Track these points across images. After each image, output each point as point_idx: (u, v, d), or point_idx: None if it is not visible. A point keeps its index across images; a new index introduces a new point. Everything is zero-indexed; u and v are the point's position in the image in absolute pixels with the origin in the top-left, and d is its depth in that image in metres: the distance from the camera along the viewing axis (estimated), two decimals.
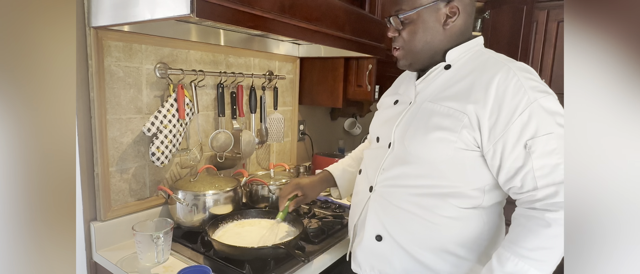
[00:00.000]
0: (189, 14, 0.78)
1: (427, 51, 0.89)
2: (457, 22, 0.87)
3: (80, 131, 1.06)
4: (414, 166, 0.87)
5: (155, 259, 1.04)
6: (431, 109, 0.86)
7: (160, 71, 1.22)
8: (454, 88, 0.85)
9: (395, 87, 1.07)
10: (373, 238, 0.94)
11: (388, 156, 0.93)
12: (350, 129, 2.38)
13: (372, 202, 0.95)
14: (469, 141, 0.81)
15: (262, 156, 1.72)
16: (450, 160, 0.83)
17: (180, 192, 1.19)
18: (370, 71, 1.72)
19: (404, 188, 0.90)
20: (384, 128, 0.97)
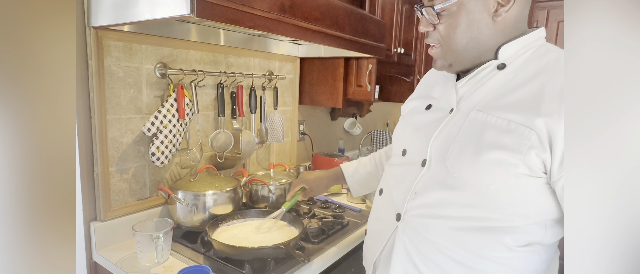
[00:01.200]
0: (189, 14, 0.78)
1: (473, 49, 0.71)
2: (511, 12, 0.68)
3: (80, 131, 1.06)
4: (458, 193, 0.69)
5: (155, 259, 1.04)
6: (484, 121, 0.68)
7: (160, 71, 1.22)
8: (514, 95, 0.67)
9: (425, 89, 0.88)
10: None
11: (422, 177, 0.74)
12: (350, 129, 2.38)
13: (401, 234, 0.77)
14: (535, 165, 0.63)
15: (262, 156, 1.72)
16: (507, 187, 0.65)
17: (180, 192, 1.19)
18: (370, 71, 1.72)
19: (443, 220, 0.71)
20: (416, 140, 0.78)
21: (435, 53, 0.76)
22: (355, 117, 2.41)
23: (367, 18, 1.45)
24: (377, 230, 0.85)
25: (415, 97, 0.90)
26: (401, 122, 0.89)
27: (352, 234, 1.29)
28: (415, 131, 0.80)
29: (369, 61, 1.72)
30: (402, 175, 0.80)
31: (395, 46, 1.99)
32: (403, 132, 0.85)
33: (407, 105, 0.91)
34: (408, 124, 0.84)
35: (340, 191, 1.75)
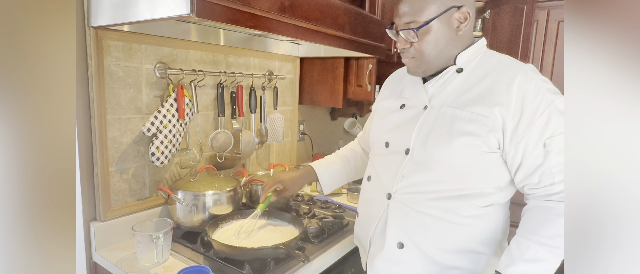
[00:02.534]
0: (189, 14, 0.78)
1: (442, 58, 0.89)
2: (467, 26, 0.88)
3: (80, 131, 1.06)
4: (436, 172, 0.88)
5: (155, 259, 1.04)
6: (452, 114, 0.86)
7: (160, 71, 1.22)
8: (472, 92, 0.86)
9: (393, 91, 1.05)
10: (394, 246, 0.94)
11: (407, 163, 0.92)
12: (350, 129, 2.38)
13: (392, 209, 0.94)
14: (492, 144, 0.83)
15: (262, 156, 1.72)
16: (473, 164, 0.85)
17: (180, 192, 1.19)
18: (370, 71, 1.72)
19: (425, 194, 0.90)
20: (397, 134, 0.96)
21: (411, 64, 0.93)
22: (355, 117, 2.41)
23: (367, 18, 1.45)
24: (369, 210, 1.01)
25: (385, 98, 1.07)
26: (378, 120, 1.05)
27: (352, 234, 1.29)
28: (396, 127, 0.97)
29: (369, 61, 1.72)
30: (388, 163, 0.96)
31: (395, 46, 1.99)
32: (383, 128, 1.01)
33: (379, 105, 1.08)
34: (387, 121, 1.01)
35: (340, 191, 1.75)
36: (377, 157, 1.02)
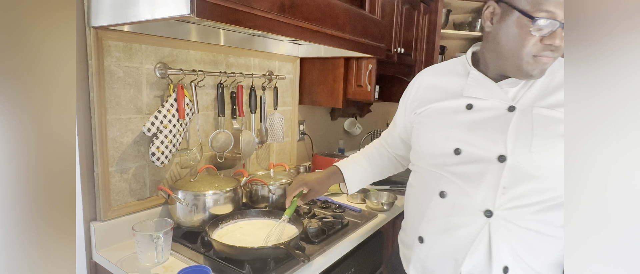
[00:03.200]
0: (189, 14, 0.78)
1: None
2: None
3: (80, 131, 1.06)
4: (543, 181, 0.79)
5: (155, 259, 1.04)
6: (549, 116, 0.78)
7: (160, 71, 1.22)
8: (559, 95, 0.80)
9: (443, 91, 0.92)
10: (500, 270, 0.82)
11: (507, 173, 0.80)
12: (350, 129, 2.38)
13: (496, 229, 0.81)
14: None
15: (262, 156, 1.72)
16: None
17: (180, 192, 1.19)
18: (370, 71, 1.72)
19: (528, 207, 0.80)
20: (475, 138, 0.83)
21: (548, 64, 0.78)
22: (355, 117, 2.42)
23: (367, 18, 1.45)
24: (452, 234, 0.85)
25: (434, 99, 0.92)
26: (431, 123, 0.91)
27: (352, 234, 1.29)
28: (470, 130, 0.84)
29: (369, 61, 1.72)
30: (476, 174, 0.82)
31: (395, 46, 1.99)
32: (447, 134, 0.87)
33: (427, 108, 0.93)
34: (451, 124, 0.87)
35: (340, 191, 1.75)
36: (444, 168, 0.87)
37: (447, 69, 0.97)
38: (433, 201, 0.89)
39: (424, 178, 0.93)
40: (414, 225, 0.95)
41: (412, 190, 0.99)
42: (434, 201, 0.89)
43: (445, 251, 0.87)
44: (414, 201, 0.98)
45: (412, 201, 0.99)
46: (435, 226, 0.88)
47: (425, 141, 0.92)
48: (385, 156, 1.19)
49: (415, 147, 0.97)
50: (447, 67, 0.97)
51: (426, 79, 0.99)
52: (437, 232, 0.88)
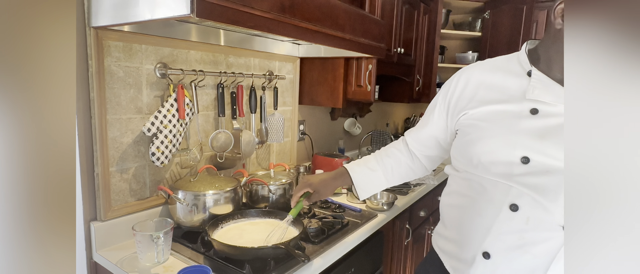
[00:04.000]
0: (189, 14, 0.78)
1: None
2: None
3: (80, 131, 1.06)
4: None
5: (155, 259, 1.04)
6: None
7: (160, 71, 1.22)
8: None
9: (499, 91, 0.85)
10: None
11: None
12: (350, 129, 2.39)
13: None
14: None
15: (262, 156, 1.72)
16: None
17: (180, 192, 1.19)
18: (370, 71, 1.72)
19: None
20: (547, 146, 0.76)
21: None
22: (355, 117, 2.42)
23: (367, 18, 1.45)
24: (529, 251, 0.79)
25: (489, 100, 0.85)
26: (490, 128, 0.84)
27: (352, 234, 1.29)
28: (541, 138, 0.77)
29: (369, 61, 1.73)
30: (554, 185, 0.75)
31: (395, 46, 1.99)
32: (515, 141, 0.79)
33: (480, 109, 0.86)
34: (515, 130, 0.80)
35: (340, 190, 1.75)
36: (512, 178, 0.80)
37: (500, 66, 0.88)
38: (502, 214, 0.81)
39: (485, 188, 0.85)
40: (474, 238, 0.87)
41: (462, 199, 0.91)
42: (503, 215, 0.81)
43: (519, 268, 0.80)
44: (467, 212, 0.89)
45: (465, 212, 0.90)
46: (506, 241, 0.81)
47: (484, 148, 0.84)
48: (403, 162, 1.11)
49: (467, 153, 0.88)
50: (499, 65, 0.89)
51: (476, 76, 0.90)
52: (508, 248, 0.81)
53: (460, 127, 0.91)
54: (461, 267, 0.91)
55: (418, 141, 1.08)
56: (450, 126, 0.96)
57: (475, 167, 0.87)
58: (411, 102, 2.41)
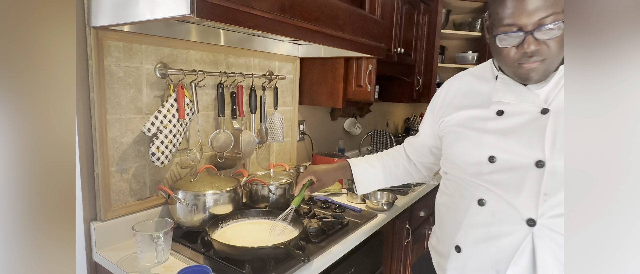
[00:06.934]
0: (189, 14, 0.78)
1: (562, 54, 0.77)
2: None
3: (80, 131, 1.06)
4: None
5: (155, 259, 1.04)
6: None
7: (160, 71, 1.22)
8: None
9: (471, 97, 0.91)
10: None
11: (547, 178, 0.76)
12: (350, 129, 2.39)
13: (541, 238, 0.78)
14: None
15: (262, 156, 1.72)
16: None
17: (180, 192, 1.19)
18: (370, 71, 1.72)
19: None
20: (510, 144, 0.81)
21: (540, 68, 0.77)
22: (355, 117, 2.42)
23: (367, 18, 1.45)
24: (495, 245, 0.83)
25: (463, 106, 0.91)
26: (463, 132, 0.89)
27: (352, 234, 1.29)
28: (504, 137, 0.82)
29: (369, 61, 1.72)
30: (515, 181, 0.80)
31: (395, 46, 1.99)
32: (481, 141, 0.85)
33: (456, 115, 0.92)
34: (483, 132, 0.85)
35: (340, 190, 1.75)
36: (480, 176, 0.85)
37: (477, 73, 0.94)
38: (471, 209, 0.86)
39: (459, 186, 0.91)
40: (450, 233, 0.92)
41: (446, 197, 0.97)
42: (472, 210, 0.86)
43: (485, 261, 0.84)
44: (448, 209, 0.95)
45: (447, 209, 0.96)
46: (474, 235, 0.86)
47: (458, 150, 0.90)
48: (401, 164, 1.17)
49: (447, 156, 0.95)
50: (477, 72, 0.95)
51: (456, 84, 0.97)
52: (476, 241, 0.86)
53: (442, 133, 0.98)
54: (441, 262, 0.96)
55: (414, 148, 1.15)
56: (436, 133, 1.03)
57: (453, 168, 0.93)
58: (411, 102, 2.41)
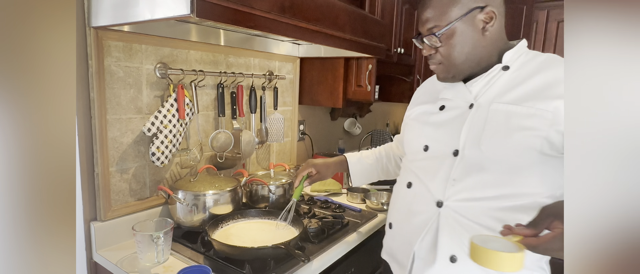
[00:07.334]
0: (189, 14, 0.78)
1: (471, 61, 0.86)
2: (495, 26, 0.85)
3: (80, 131, 1.06)
4: (492, 173, 0.82)
5: (155, 259, 1.04)
6: (506, 110, 0.81)
7: (160, 71, 1.22)
8: (525, 87, 0.82)
9: (430, 94, 1.01)
10: (446, 260, 0.87)
11: (457, 165, 0.86)
12: (350, 129, 2.39)
13: (445, 218, 0.86)
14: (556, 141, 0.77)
15: (262, 156, 1.72)
16: (533, 165, 0.79)
17: (180, 192, 1.19)
18: (370, 71, 1.72)
19: (482, 201, 0.82)
20: (439, 135, 0.91)
21: (439, 70, 0.91)
22: (355, 117, 2.42)
23: (367, 18, 1.45)
24: (410, 221, 0.94)
25: (421, 102, 1.02)
26: (414, 124, 1.01)
27: (352, 234, 1.29)
28: (437, 129, 0.92)
29: (369, 61, 1.72)
30: (434, 167, 0.90)
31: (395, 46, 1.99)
32: (421, 132, 0.96)
33: (414, 110, 1.03)
34: (425, 124, 0.96)
35: (340, 191, 1.75)
36: (414, 163, 0.97)
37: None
38: (402, 191, 0.99)
39: (402, 172, 1.04)
40: (389, 213, 1.06)
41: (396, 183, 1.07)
42: (402, 192, 0.99)
43: (405, 236, 0.96)
44: (393, 193, 1.07)
45: (393, 193, 1.07)
46: (401, 213, 0.98)
47: (406, 140, 1.02)
48: (392, 158, 1.25)
49: (401, 146, 1.08)
50: None
51: (426, 84, 1.07)
52: (401, 219, 0.98)
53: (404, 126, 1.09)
54: (386, 238, 1.07)
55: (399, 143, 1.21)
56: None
57: (404, 156, 1.06)
58: None
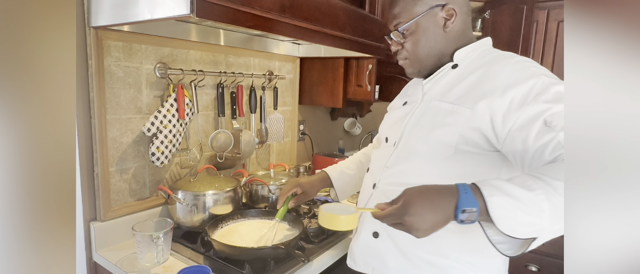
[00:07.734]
0: (189, 14, 0.78)
1: (433, 56, 0.92)
2: (456, 24, 0.89)
3: (80, 131, 1.06)
4: (415, 164, 0.89)
5: (155, 259, 1.04)
6: (437, 107, 0.87)
7: (160, 71, 1.22)
8: (460, 85, 0.86)
9: (404, 92, 1.10)
10: (370, 234, 0.97)
11: (392, 154, 0.94)
12: (350, 129, 2.38)
13: (373, 198, 0.96)
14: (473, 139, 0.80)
15: (262, 156, 1.72)
16: (448, 158, 0.83)
17: (180, 192, 1.19)
18: (370, 71, 1.72)
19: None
20: (393, 128, 0.99)
21: (405, 64, 0.97)
22: (355, 117, 2.41)
23: (367, 18, 1.45)
24: (360, 199, 1.06)
25: (397, 97, 1.12)
26: (386, 117, 1.10)
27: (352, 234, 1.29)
28: (395, 122, 1.00)
29: (369, 61, 1.72)
30: (380, 155, 1.00)
31: None
32: (385, 125, 1.07)
33: (391, 104, 1.12)
34: (389, 118, 1.06)
35: None
36: (376, 150, 1.05)
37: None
38: (366, 175, 1.08)
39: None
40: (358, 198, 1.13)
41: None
42: (365, 175, 1.08)
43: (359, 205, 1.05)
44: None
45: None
46: (361, 192, 1.07)
47: (379, 131, 1.11)
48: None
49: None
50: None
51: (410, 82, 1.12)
52: (359, 196, 1.08)
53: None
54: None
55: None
56: None
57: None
58: None
